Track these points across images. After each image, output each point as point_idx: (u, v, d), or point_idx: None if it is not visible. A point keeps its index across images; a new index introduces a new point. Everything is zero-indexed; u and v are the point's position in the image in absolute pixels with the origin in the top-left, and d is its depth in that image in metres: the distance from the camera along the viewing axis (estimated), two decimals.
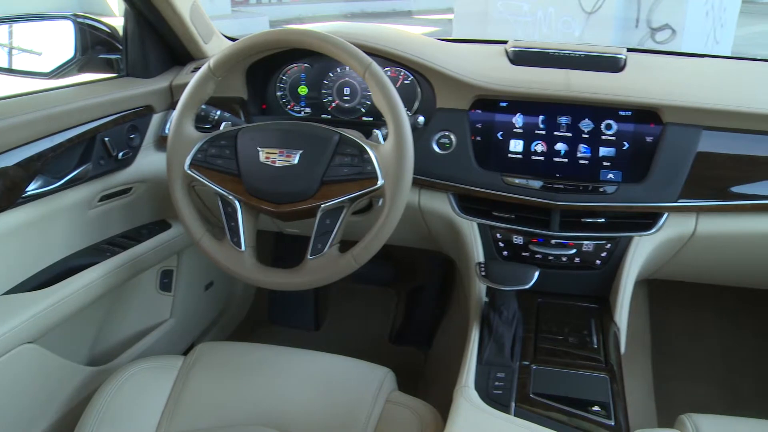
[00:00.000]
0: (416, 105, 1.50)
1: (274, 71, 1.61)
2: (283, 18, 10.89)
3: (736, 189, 1.38)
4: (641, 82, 1.44)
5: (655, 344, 2.12)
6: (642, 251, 1.40)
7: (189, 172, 1.29)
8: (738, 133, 1.38)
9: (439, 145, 1.43)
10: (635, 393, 1.85)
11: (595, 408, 1.14)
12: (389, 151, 1.20)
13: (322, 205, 1.22)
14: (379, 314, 2.36)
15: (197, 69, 1.34)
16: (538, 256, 1.43)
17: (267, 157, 1.25)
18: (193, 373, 1.34)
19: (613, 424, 1.11)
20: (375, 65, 1.22)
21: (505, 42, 1.62)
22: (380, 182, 1.20)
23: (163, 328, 1.78)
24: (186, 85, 1.32)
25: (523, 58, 1.52)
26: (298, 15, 11.48)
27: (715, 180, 1.38)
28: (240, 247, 1.28)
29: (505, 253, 1.45)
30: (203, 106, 1.44)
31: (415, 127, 1.40)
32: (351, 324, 2.37)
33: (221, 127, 1.34)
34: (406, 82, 1.51)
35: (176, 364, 1.37)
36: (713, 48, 7.05)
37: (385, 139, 1.26)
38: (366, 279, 2.35)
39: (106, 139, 1.44)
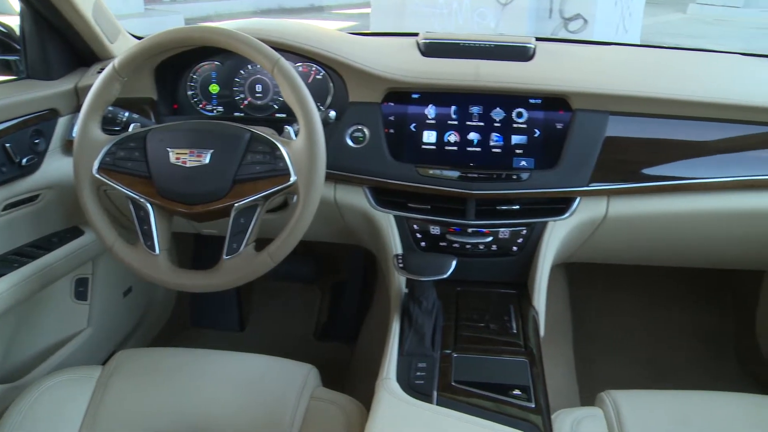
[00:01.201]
0: (329, 100, 1.50)
1: (184, 70, 1.57)
2: (199, 15, 10.69)
3: (643, 171, 1.43)
4: (550, 71, 1.47)
5: (575, 326, 2.17)
6: (557, 236, 1.43)
7: (97, 176, 1.25)
8: (643, 117, 1.43)
9: (353, 139, 1.43)
10: (557, 375, 1.89)
11: (516, 392, 1.15)
12: (301, 147, 1.19)
13: (236, 204, 1.21)
14: (303, 311, 2.35)
15: (103, 70, 1.31)
16: (456, 245, 1.45)
17: (177, 158, 1.22)
18: (112, 382, 1.30)
19: (533, 406, 1.13)
20: (283, 61, 1.20)
21: (416, 34, 1.63)
22: (293, 179, 1.19)
23: (79, 338, 1.72)
24: (91, 86, 1.28)
25: (434, 49, 1.53)
26: (215, 12, 11.29)
27: (623, 163, 1.42)
28: (154, 250, 1.25)
29: (422, 243, 1.46)
30: (110, 108, 1.40)
31: (326, 121, 1.39)
32: (276, 323, 2.35)
33: (130, 129, 1.31)
34: (318, 77, 1.51)
35: (94, 374, 1.33)
36: (623, 37, 7.28)
37: (297, 135, 1.25)
38: (289, 276, 2.33)
39: (7, 144, 1.38)
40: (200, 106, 1.58)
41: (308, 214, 1.20)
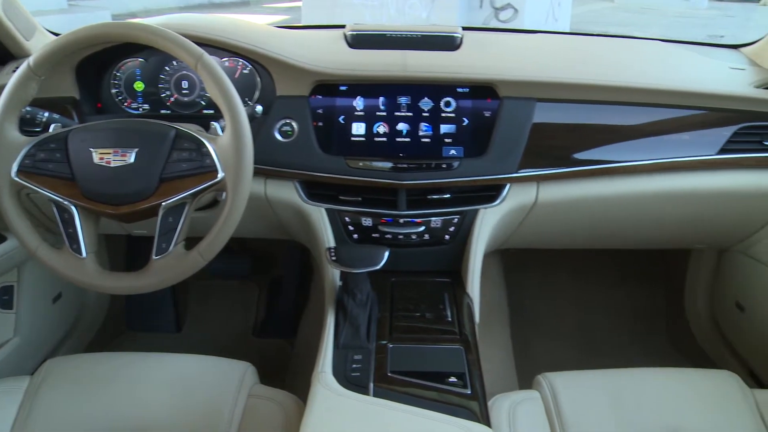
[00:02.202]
0: (257, 94, 1.48)
1: (107, 68, 1.53)
2: (127, 11, 10.41)
3: (571, 156, 1.45)
4: (477, 60, 1.49)
5: (512, 310, 2.20)
6: (488, 223, 1.45)
7: (16, 179, 1.21)
8: (569, 103, 1.45)
9: (282, 133, 1.41)
10: (495, 359, 1.92)
11: (452, 379, 1.17)
12: (227, 143, 1.18)
13: (163, 203, 1.18)
14: (241, 309, 2.33)
15: (18, 68, 1.26)
16: (388, 236, 1.45)
17: (101, 158, 1.19)
18: (41, 392, 1.27)
19: (469, 392, 1.15)
20: (207, 56, 1.18)
21: (343, 26, 1.63)
22: (221, 175, 1.17)
23: (5, 349, 1.66)
24: (5, 86, 1.24)
25: (361, 41, 1.53)
26: (144, 7, 11.00)
27: (551, 149, 1.44)
28: (80, 253, 1.21)
29: (355, 236, 1.47)
30: (28, 108, 1.35)
31: (253, 116, 1.37)
32: (213, 322, 2.32)
33: (50, 130, 1.27)
34: (244, 71, 1.49)
35: (21, 385, 1.29)
36: (553, 25, 7.39)
37: (223, 131, 1.23)
38: (225, 274, 2.31)
39: None
40: (125, 104, 1.54)
41: (237, 211, 1.19)
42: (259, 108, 1.40)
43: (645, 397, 1.34)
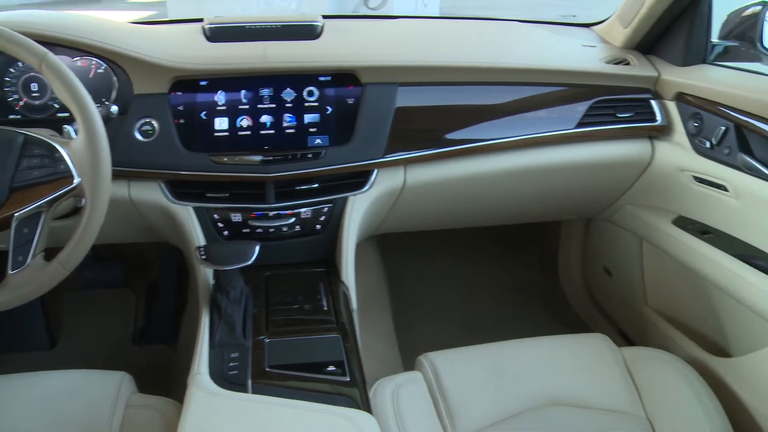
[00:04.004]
0: (114, 94, 1.42)
1: None
2: None
3: (436, 138, 1.48)
4: (338, 47, 1.49)
5: (393, 294, 2.23)
6: (358, 209, 1.46)
7: None
8: (432, 86, 1.48)
9: (142, 133, 1.37)
10: (378, 345, 1.93)
11: (331, 368, 1.17)
12: (81, 147, 1.12)
13: (16, 214, 1.11)
14: (119, 317, 2.24)
15: None
16: (259, 230, 1.43)
17: None
18: None
19: (348, 379, 1.15)
20: (51, 56, 1.12)
21: (201, 20, 1.59)
22: (77, 180, 1.12)
23: None
24: None
25: (219, 34, 1.50)
26: None
27: (416, 132, 1.46)
28: None
29: (225, 233, 1.44)
30: None
31: (108, 117, 1.32)
32: (90, 334, 2.22)
33: None
34: (99, 71, 1.42)
35: None
36: (422, 10, 7.49)
37: (77, 134, 1.18)
38: (97, 283, 2.22)
39: None
40: None
41: (98, 216, 1.14)
42: (114, 108, 1.35)
43: (523, 366, 1.39)
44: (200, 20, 1.59)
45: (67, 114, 1.44)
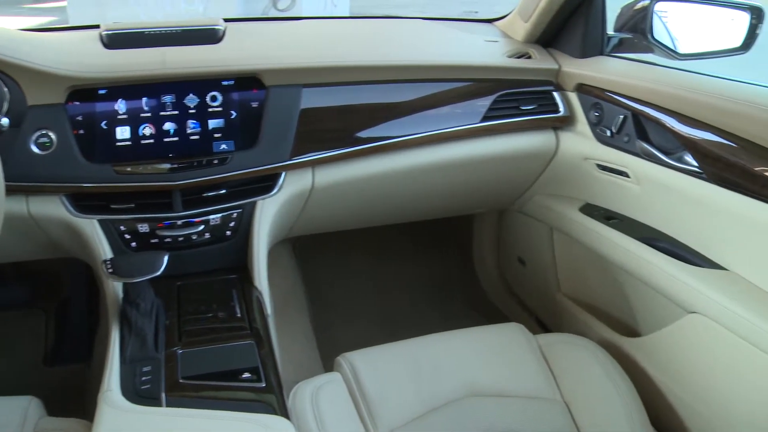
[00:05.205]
0: (5, 106, 1.35)
1: None
2: None
3: (343, 138, 1.48)
4: (240, 51, 1.47)
5: (310, 296, 2.22)
6: (268, 213, 1.45)
7: None
8: (337, 86, 1.47)
9: (39, 146, 1.31)
10: (297, 348, 1.92)
11: (246, 375, 1.16)
12: None
13: None
14: (28, 339, 2.15)
15: None
16: (168, 239, 1.40)
17: None
18: None
19: (264, 385, 1.14)
20: None
21: (98, 26, 1.54)
22: None
23: None
24: None
25: (117, 41, 1.45)
26: None
27: (322, 132, 1.46)
28: None
29: (133, 244, 1.40)
30: None
31: None
32: None
33: None
34: None
35: None
36: (332, 11, 7.48)
37: None
38: (3, 304, 2.13)
39: None
40: None
41: None
42: (5, 120, 1.29)
43: (442, 360, 1.40)
44: (97, 27, 1.55)
45: None
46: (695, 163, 1.31)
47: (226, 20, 1.59)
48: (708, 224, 1.34)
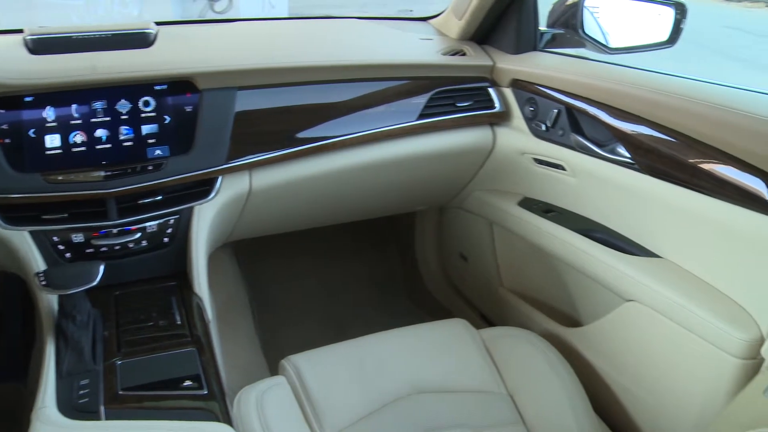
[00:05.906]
0: None
1: None
2: None
3: (279, 140, 1.47)
4: (172, 54, 1.45)
5: (253, 300, 2.20)
6: (205, 218, 1.43)
7: None
8: (271, 88, 1.46)
9: None
10: (241, 353, 1.90)
11: (187, 382, 1.14)
12: None
13: None
14: None
15: None
16: (104, 248, 1.37)
17: None
18: None
19: (206, 392, 1.12)
20: None
21: (21, 31, 1.50)
22: None
23: None
24: None
25: (43, 46, 1.41)
26: None
27: (258, 135, 1.45)
28: None
29: (67, 255, 1.36)
30: None
31: None
32: None
33: None
34: None
35: None
36: (270, 12, 7.40)
37: None
38: None
39: None
40: None
41: None
42: None
43: (386, 359, 1.41)
44: (20, 31, 1.50)
45: None
46: (628, 155, 1.34)
47: (159, 23, 1.56)
48: (642, 214, 1.37)
